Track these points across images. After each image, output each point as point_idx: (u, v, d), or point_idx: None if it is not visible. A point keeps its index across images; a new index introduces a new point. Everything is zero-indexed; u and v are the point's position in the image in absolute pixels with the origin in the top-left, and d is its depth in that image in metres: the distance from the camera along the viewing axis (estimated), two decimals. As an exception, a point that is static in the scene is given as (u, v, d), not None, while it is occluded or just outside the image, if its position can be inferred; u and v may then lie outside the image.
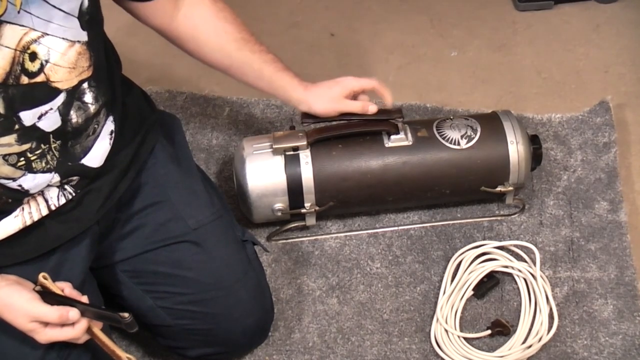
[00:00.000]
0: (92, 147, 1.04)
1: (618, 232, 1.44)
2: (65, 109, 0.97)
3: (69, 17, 0.94)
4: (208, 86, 1.74)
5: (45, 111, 0.95)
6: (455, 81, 1.75)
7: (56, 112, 0.96)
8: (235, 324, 1.22)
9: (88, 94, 1.00)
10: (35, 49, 0.91)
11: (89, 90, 1.00)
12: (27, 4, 0.88)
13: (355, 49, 1.84)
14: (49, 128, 0.97)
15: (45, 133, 0.97)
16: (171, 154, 1.22)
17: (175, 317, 1.20)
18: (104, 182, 1.09)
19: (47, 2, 0.90)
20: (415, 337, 1.34)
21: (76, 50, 0.96)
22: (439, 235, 1.46)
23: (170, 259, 1.17)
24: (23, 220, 1.02)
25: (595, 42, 1.81)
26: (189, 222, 1.18)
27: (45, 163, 0.98)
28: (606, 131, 1.58)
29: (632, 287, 1.37)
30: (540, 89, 1.72)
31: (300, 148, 1.37)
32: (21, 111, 0.93)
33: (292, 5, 1.94)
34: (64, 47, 0.94)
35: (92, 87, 1.00)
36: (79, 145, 1.02)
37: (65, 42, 0.94)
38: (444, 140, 1.39)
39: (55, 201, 1.04)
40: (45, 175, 0.99)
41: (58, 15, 0.92)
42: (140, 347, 1.35)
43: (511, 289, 1.39)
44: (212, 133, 1.64)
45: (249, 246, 1.26)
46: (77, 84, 0.98)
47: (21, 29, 0.88)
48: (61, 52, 0.94)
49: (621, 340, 1.31)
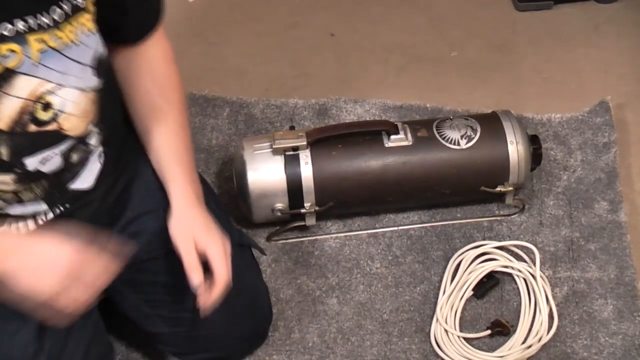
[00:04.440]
0: (81, 172, 1.03)
1: (618, 232, 1.44)
2: (67, 152, 0.97)
3: (85, 68, 0.94)
4: (208, 86, 1.74)
5: (49, 156, 0.95)
6: (455, 81, 1.75)
7: (59, 155, 0.96)
8: (233, 330, 1.21)
9: (94, 138, 1.00)
10: (49, 99, 0.90)
11: (96, 133, 1.00)
12: (46, 58, 0.88)
13: (355, 49, 1.84)
14: (50, 171, 0.97)
15: (45, 174, 0.97)
16: None
17: (172, 324, 1.20)
18: (94, 197, 1.08)
19: (65, 56, 0.90)
20: (415, 337, 1.34)
21: (89, 97, 0.96)
22: (439, 235, 1.46)
23: (165, 268, 1.17)
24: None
25: (595, 42, 1.81)
26: None
27: (34, 195, 0.98)
28: (606, 131, 1.58)
29: (632, 287, 1.37)
30: (540, 89, 1.72)
31: (300, 148, 1.37)
32: (26, 157, 0.93)
33: (291, 5, 1.94)
34: (77, 96, 0.94)
35: (98, 128, 1.00)
36: (70, 175, 1.02)
37: (78, 91, 0.94)
38: (444, 140, 1.39)
39: (43, 216, 1.03)
40: (34, 205, 0.99)
41: (75, 67, 0.92)
42: (140, 347, 1.35)
43: (511, 289, 1.39)
44: (212, 133, 1.64)
45: (244, 250, 1.25)
46: (85, 130, 0.98)
47: (37, 80, 0.88)
48: (75, 102, 0.94)
49: (621, 340, 1.31)
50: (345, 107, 1.65)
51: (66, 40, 0.89)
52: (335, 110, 1.65)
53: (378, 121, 1.36)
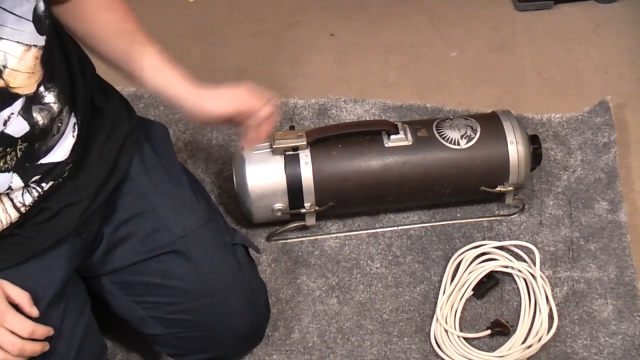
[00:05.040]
0: (55, 146, 1.02)
1: (618, 232, 1.44)
2: (26, 114, 0.96)
3: (22, 21, 0.92)
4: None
5: (7, 117, 0.93)
6: (455, 81, 1.75)
7: (19, 117, 0.95)
8: (228, 330, 1.21)
9: (48, 95, 0.98)
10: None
11: (47, 92, 0.98)
12: None
13: (355, 49, 1.84)
14: (17, 133, 0.95)
15: (14, 139, 0.95)
16: (154, 161, 1.20)
17: (167, 326, 1.20)
18: (83, 194, 1.08)
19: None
20: (415, 337, 1.34)
21: (33, 54, 0.94)
22: (439, 235, 1.46)
23: (158, 270, 1.17)
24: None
25: (595, 42, 1.81)
26: (174, 230, 1.17)
27: (3, 163, 0.96)
28: (606, 131, 1.58)
29: (632, 287, 1.37)
30: (540, 89, 1.72)
31: (300, 148, 1.37)
32: None
33: (292, 5, 1.94)
34: (20, 52, 0.92)
35: (50, 88, 0.98)
36: (45, 146, 1.01)
37: (20, 46, 0.92)
38: (444, 140, 1.39)
39: (21, 199, 1.01)
40: (4, 175, 0.97)
41: (10, 18, 0.90)
42: (140, 347, 1.35)
43: (511, 289, 1.39)
44: (212, 133, 1.64)
45: (239, 249, 1.25)
46: (36, 89, 0.96)
47: None
48: (18, 57, 0.92)
49: (621, 340, 1.31)
50: (345, 107, 1.65)
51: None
52: (335, 110, 1.65)
53: (378, 121, 1.36)
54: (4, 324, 0.98)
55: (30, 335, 0.99)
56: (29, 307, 1.01)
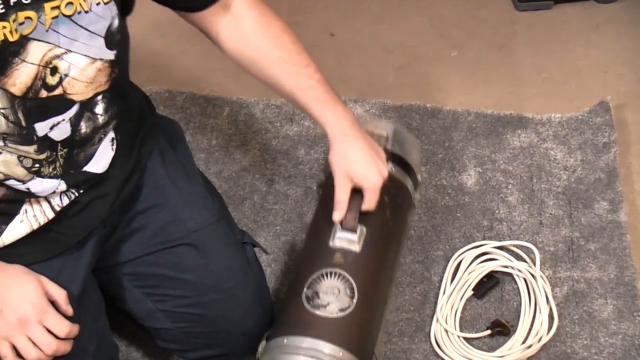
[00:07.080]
0: (94, 154, 1.04)
1: (618, 232, 1.44)
2: (76, 120, 0.98)
3: (93, 37, 0.94)
4: (208, 86, 1.74)
5: (57, 122, 0.96)
6: (455, 81, 1.75)
7: (67, 123, 0.97)
8: (235, 326, 1.21)
9: (99, 106, 1.01)
10: (57, 64, 0.91)
11: (101, 102, 1.00)
12: (57, 24, 0.89)
13: (355, 49, 1.84)
14: (58, 137, 0.97)
15: (55, 142, 0.97)
16: (171, 156, 1.22)
17: (174, 320, 1.20)
18: (110, 188, 1.09)
19: (75, 23, 0.91)
20: (415, 337, 1.34)
21: (97, 67, 0.96)
22: (439, 235, 1.46)
23: (170, 262, 1.17)
24: (29, 225, 1.02)
25: (595, 42, 1.81)
26: (188, 224, 1.18)
27: (52, 169, 0.99)
28: (606, 131, 1.58)
29: (631, 287, 1.37)
30: (540, 89, 1.72)
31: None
32: (36, 123, 0.93)
33: (291, 5, 1.94)
34: (85, 64, 0.95)
35: (105, 100, 1.01)
36: (83, 154, 1.03)
37: (87, 59, 0.95)
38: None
39: (59, 201, 1.04)
40: (52, 181, 1.00)
41: (83, 34, 0.93)
42: (140, 347, 1.35)
43: (511, 289, 1.39)
44: (212, 133, 1.64)
45: (248, 248, 1.26)
46: (92, 97, 0.98)
47: (46, 45, 0.89)
48: (81, 68, 0.94)
49: (621, 340, 1.31)
50: (345, 107, 1.65)
51: (78, 7, 0.90)
52: (335, 110, 1.65)
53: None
54: (44, 322, 0.98)
55: (66, 336, 0.99)
56: (65, 305, 1.01)
